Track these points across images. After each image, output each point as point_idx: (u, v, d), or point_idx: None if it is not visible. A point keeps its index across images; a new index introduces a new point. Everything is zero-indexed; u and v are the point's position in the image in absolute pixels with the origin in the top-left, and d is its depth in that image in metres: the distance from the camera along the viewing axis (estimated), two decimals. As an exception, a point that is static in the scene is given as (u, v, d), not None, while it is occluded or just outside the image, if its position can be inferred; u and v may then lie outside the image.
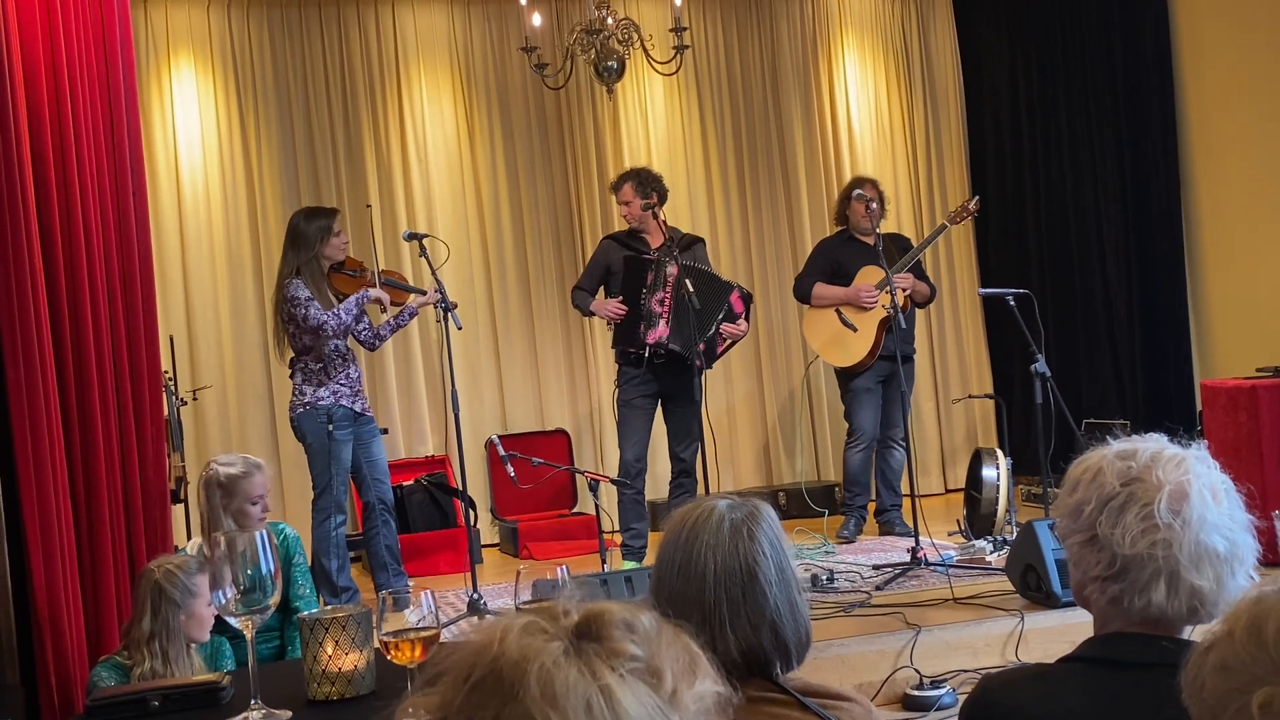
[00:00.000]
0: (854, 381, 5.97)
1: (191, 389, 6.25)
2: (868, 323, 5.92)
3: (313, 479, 5.03)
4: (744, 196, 7.52)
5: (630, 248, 5.61)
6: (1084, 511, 1.49)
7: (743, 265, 7.49)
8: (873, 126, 7.64)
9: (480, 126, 7.11)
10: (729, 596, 1.61)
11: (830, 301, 6.00)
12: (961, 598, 4.31)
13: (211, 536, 2.42)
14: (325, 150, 6.84)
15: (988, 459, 5.62)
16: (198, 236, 6.61)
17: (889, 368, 5.87)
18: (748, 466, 7.42)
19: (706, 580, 1.62)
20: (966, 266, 7.75)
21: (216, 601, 1.97)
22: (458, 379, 5.23)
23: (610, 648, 0.75)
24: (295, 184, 6.79)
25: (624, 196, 5.61)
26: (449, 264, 6.04)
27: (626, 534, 5.52)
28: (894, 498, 6.06)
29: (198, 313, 6.58)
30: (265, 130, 6.75)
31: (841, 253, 6.06)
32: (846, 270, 5.99)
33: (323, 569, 4.93)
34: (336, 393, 4.97)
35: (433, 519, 6.36)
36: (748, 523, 1.66)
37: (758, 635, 1.60)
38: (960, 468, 7.14)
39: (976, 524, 5.55)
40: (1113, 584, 1.47)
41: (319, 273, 5.00)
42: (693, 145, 7.45)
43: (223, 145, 6.68)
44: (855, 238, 6.06)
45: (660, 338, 5.44)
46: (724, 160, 7.49)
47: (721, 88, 7.50)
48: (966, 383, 7.65)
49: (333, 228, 5.05)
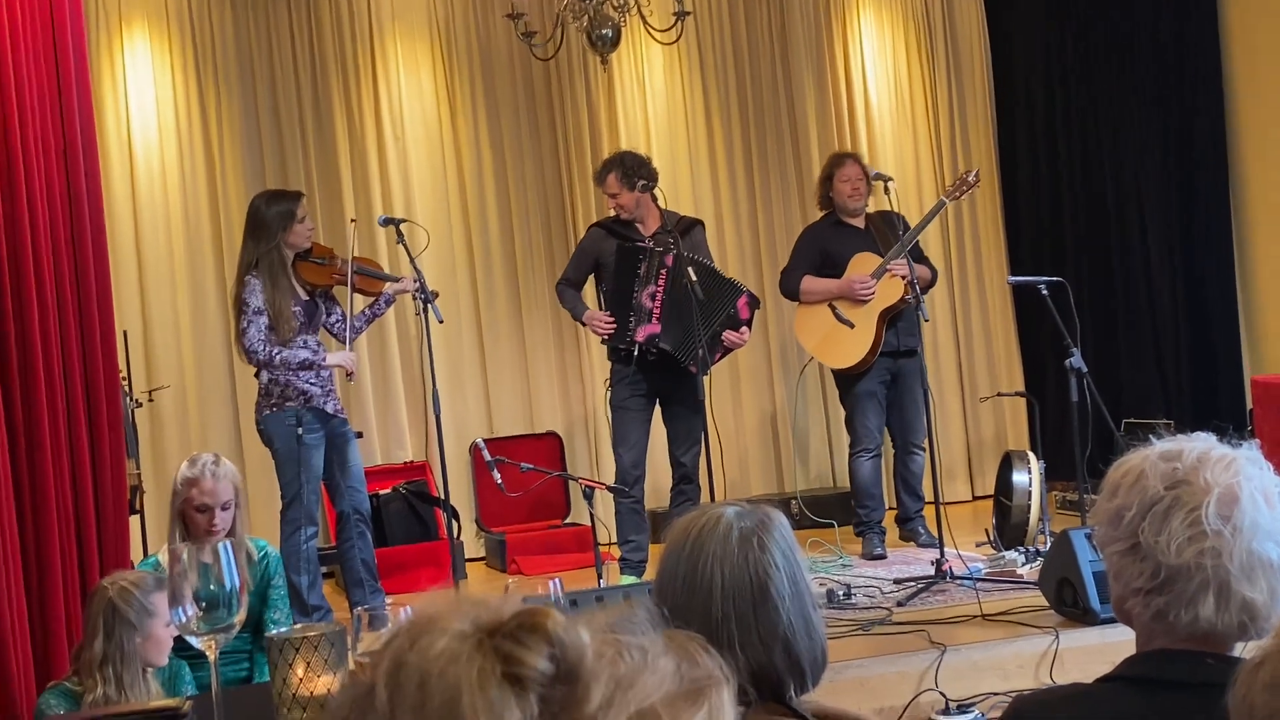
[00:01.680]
0: (857, 385, 5.88)
1: (147, 389, 6.25)
2: (865, 317, 5.82)
3: (281, 487, 5.02)
4: (751, 178, 7.51)
5: (622, 236, 5.59)
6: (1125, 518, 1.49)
7: (750, 254, 7.49)
8: (892, 100, 7.63)
9: (462, 101, 7.10)
10: (738, 612, 1.62)
11: (821, 296, 5.91)
12: (991, 614, 4.31)
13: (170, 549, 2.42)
14: (293, 127, 6.84)
15: (1019, 463, 5.62)
16: (153, 222, 6.60)
17: (893, 365, 5.85)
18: (756, 472, 7.43)
19: (713, 595, 1.63)
20: (995, 252, 7.75)
21: (175, 620, 1.97)
22: (439, 377, 5.22)
23: (516, 655, 0.76)
24: (260, 165, 6.78)
25: (610, 188, 5.56)
26: (429, 251, 6.03)
27: (624, 546, 5.53)
28: (917, 504, 6.03)
29: (154, 306, 6.58)
30: (227, 106, 6.74)
31: (830, 240, 5.98)
32: (837, 259, 5.91)
33: (292, 586, 4.92)
34: (306, 393, 4.97)
35: (412, 531, 6.36)
36: (758, 532, 1.66)
37: (769, 654, 1.60)
38: (989, 472, 7.13)
39: (1007, 534, 5.55)
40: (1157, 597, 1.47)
41: (279, 264, 4.98)
42: (695, 121, 7.44)
43: (180, 123, 6.67)
44: (844, 222, 5.98)
45: (650, 335, 5.43)
46: (729, 138, 7.48)
47: (726, 58, 7.50)
48: (995, 379, 7.65)
49: (296, 213, 5.03)
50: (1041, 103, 7.56)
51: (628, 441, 5.48)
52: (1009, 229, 7.78)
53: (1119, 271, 7.16)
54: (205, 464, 3.52)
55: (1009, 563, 5.03)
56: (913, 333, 5.82)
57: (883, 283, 5.79)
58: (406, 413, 6.90)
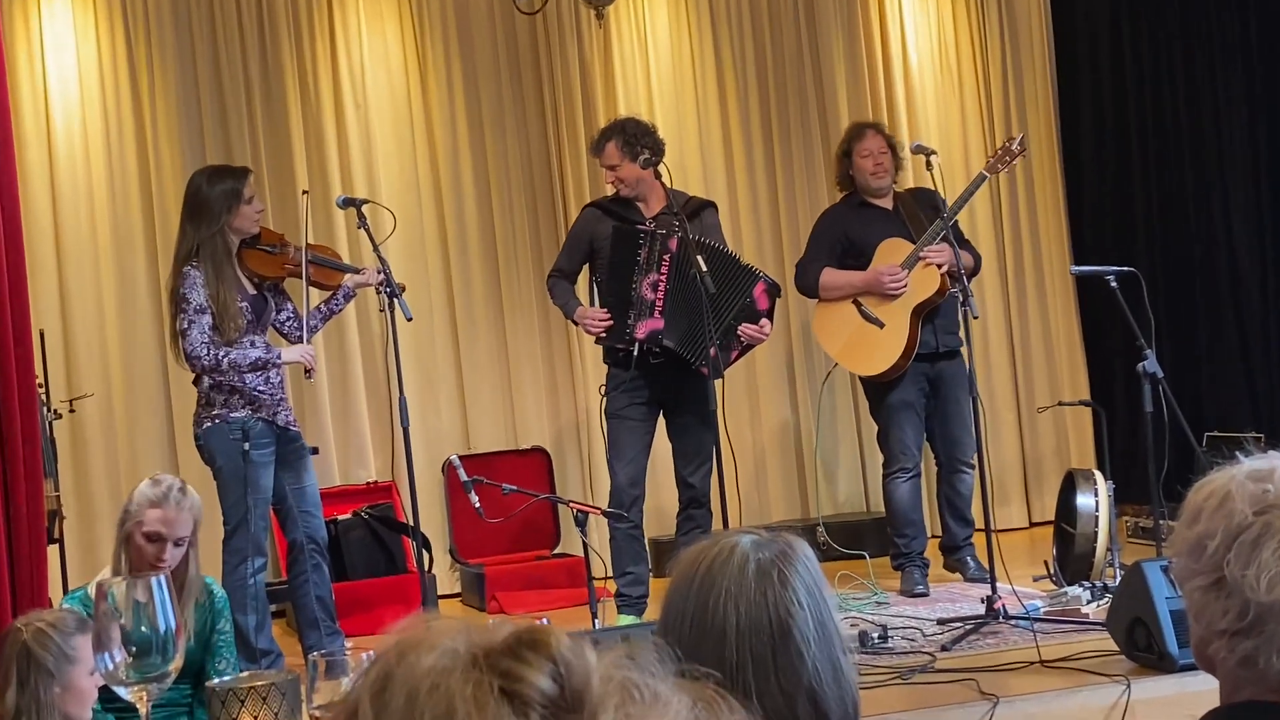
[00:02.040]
0: (890, 395, 5.88)
1: (68, 398, 6.25)
2: (897, 315, 5.77)
3: (224, 512, 5.03)
4: (770, 154, 7.52)
5: (620, 217, 5.60)
6: (1207, 548, 1.49)
7: (769, 242, 7.49)
8: (935, 64, 7.64)
9: (435, 63, 7.11)
10: (755, 657, 1.62)
11: (844, 291, 5.89)
12: (1051, 660, 4.31)
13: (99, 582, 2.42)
14: (237, 93, 6.85)
15: (1083, 484, 5.62)
16: (74, 204, 6.61)
17: (931, 370, 5.82)
18: (777, 495, 7.43)
19: (727, 636, 1.63)
20: (1056, 239, 7.75)
21: (101, 667, 1.97)
22: (407, 383, 5.23)
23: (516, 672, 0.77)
24: (199, 137, 6.79)
25: (609, 159, 5.54)
26: (395, 237, 6.03)
27: (621, 580, 5.53)
28: (965, 530, 6.02)
29: (75, 301, 6.58)
30: (160, 68, 6.75)
31: (852, 225, 5.96)
32: (862, 247, 5.89)
33: (237, 627, 4.93)
34: (254, 401, 4.98)
35: (376, 563, 6.36)
36: (778, 563, 1.67)
37: (792, 706, 1.61)
38: (1049, 495, 7.14)
39: (1069, 566, 5.55)
40: (1244, 640, 1.47)
41: (223, 252, 4.99)
42: (705, 89, 7.45)
43: (106, 88, 6.68)
44: (869, 203, 5.95)
45: (652, 331, 5.44)
46: (744, 104, 7.49)
47: (742, 14, 7.51)
48: (1056, 387, 7.65)
49: (243, 192, 5.04)
50: (1108, 62, 7.56)
51: (624, 456, 5.48)
52: (1071, 211, 7.77)
53: (1200, 262, 7.16)
54: (172, 488, 3.55)
55: (1072, 600, 5.03)
56: (954, 330, 5.79)
57: (916, 273, 5.75)
58: (369, 425, 6.90)
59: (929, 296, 5.76)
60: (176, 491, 3.53)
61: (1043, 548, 6.19)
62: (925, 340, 5.78)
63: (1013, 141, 6.00)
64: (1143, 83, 7.40)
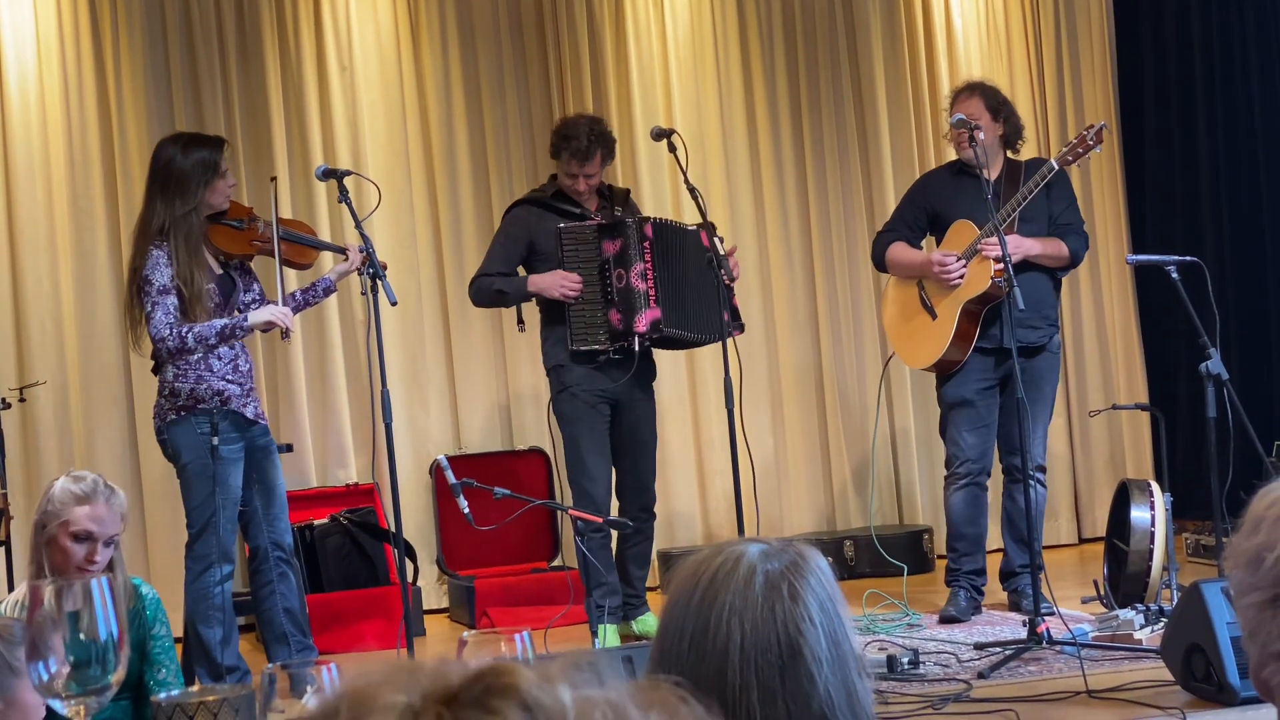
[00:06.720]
0: (946, 390, 5.83)
1: (18, 386, 6.27)
2: (949, 306, 5.72)
3: (188, 514, 5.03)
4: (799, 129, 7.52)
5: (563, 213, 5.73)
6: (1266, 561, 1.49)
7: (797, 228, 7.49)
8: (981, 29, 7.64)
9: (428, 24, 7.11)
10: (761, 679, 1.61)
11: (908, 271, 5.87)
12: (1099, 690, 4.30)
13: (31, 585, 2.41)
14: (210, 56, 6.85)
15: (1138, 496, 5.61)
16: (29, 176, 6.62)
17: (1003, 367, 5.73)
18: (800, 505, 7.42)
19: (730, 656, 1.62)
20: (1113, 226, 7.75)
21: (36, 678, 1.97)
22: (392, 376, 5.23)
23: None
24: (167, 103, 6.80)
25: (593, 169, 5.74)
26: (381, 212, 6.04)
27: (598, 592, 5.61)
28: (1025, 555, 5.77)
29: (28, 282, 6.60)
30: (126, 27, 6.76)
31: (942, 195, 5.87)
32: (947, 220, 5.83)
33: (201, 642, 4.93)
34: (222, 392, 4.98)
35: (355, 573, 6.37)
36: (788, 576, 1.66)
37: (801, 734, 1.59)
38: (1099, 508, 7.13)
39: (1122, 587, 5.55)
40: (1306, 664, 1.45)
41: (196, 231, 4.98)
42: (728, 53, 7.44)
43: (66, 49, 6.69)
44: (969, 170, 5.62)
45: (653, 321, 5.54)
46: (770, 76, 7.48)
47: (768, -29, 7.51)
48: (1110, 388, 7.64)
49: (219, 164, 5.04)
50: (1173, 36, 7.54)
51: (590, 472, 5.70)
52: (1131, 198, 7.78)
53: (1271, 254, 7.14)
54: (98, 483, 3.52)
55: (1124, 624, 5.03)
56: (1036, 323, 5.64)
57: (974, 265, 5.65)
58: (350, 421, 6.91)
59: (982, 292, 5.60)
60: (104, 486, 3.52)
61: (1093, 566, 6.19)
62: (992, 335, 5.66)
63: (1090, 130, 5.67)
64: (1213, 59, 7.36)
